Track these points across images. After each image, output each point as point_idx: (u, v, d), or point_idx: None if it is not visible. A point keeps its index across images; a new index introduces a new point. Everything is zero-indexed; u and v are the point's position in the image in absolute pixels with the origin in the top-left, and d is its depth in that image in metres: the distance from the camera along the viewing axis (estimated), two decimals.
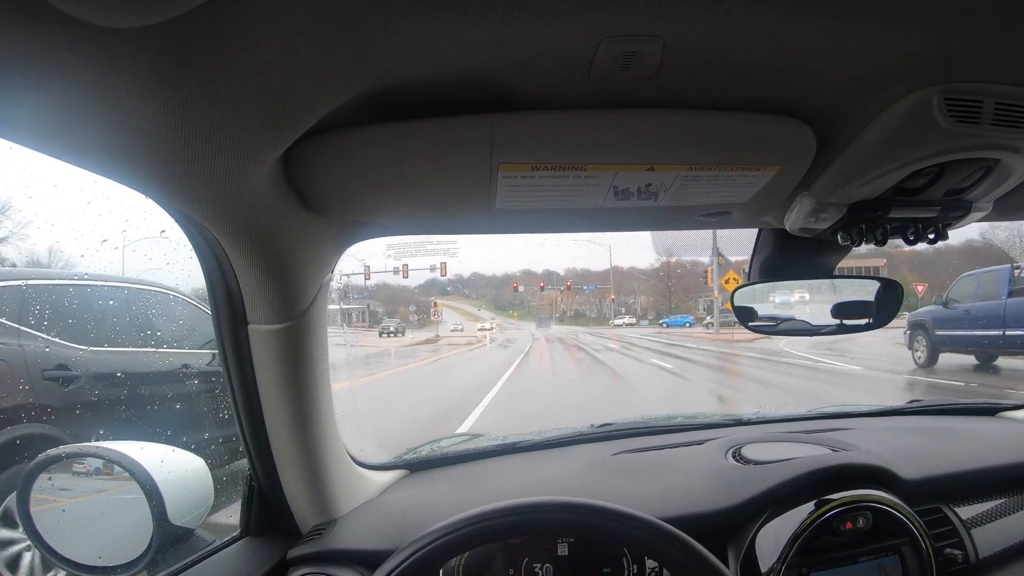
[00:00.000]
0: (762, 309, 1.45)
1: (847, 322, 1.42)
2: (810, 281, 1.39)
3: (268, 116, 0.67)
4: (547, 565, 1.20)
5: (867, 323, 1.40)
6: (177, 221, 0.94)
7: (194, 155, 0.67)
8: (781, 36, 0.67)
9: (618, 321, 62.98)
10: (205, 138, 0.65)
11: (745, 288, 1.42)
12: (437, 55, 0.66)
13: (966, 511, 1.40)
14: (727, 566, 1.19)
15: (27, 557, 3.02)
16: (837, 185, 0.97)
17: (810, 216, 1.06)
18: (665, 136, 0.85)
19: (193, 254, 1.03)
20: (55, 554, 1.17)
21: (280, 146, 0.75)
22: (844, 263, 1.36)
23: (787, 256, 1.33)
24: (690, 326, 48.02)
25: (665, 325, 52.57)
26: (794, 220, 1.10)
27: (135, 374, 3.70)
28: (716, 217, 1.13)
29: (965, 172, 0.94)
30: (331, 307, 1.15)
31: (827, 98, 0.82)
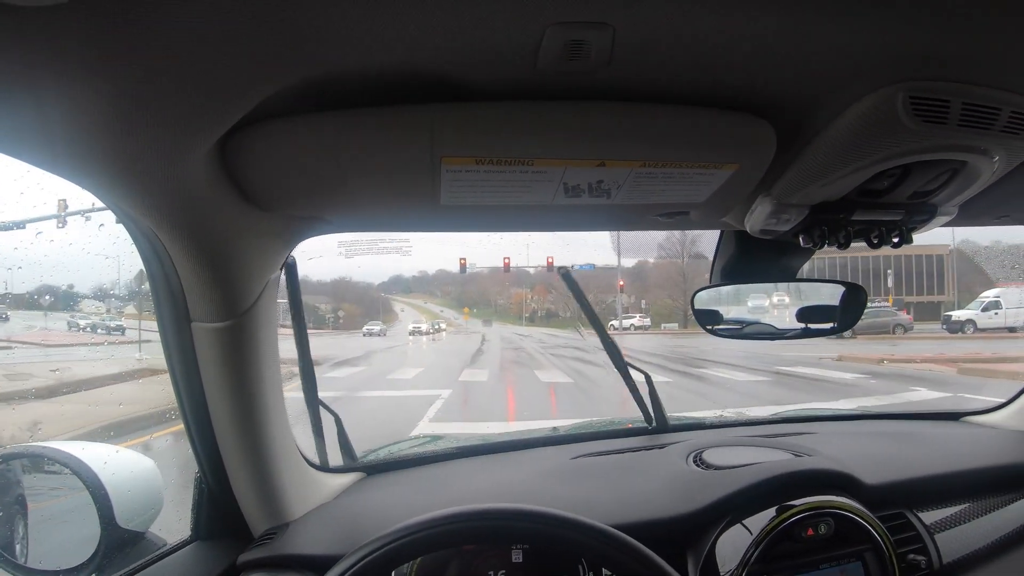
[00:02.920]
0: (726, 313, 1.48)
1: (812, 326, 1.45)
2: (774, 284, 1.43)
3: (200, 102, 0.66)
4: (501, 572, 1.21)
5: (832, 327, 1.44)
6: (115, 213, 0.94)
7: (124, 142, 0.66)
8: (739, 28, 0.66)
9: (625, 323, 44.67)
10: (135, 125, 0.64)
11: (707, 291, 1.44)
12: (377, 42, 0.65)
13: (929, 516, 1.42)
14: (686, 574, 1.22)
15: None
16: (799, 185, 0.98)
17: (771, 217, 1.07)
18: (617, 130, 0.84)
19: (134, 248, 1.02)
20: (3, 559, 1.17)
21: (214, 134, 0.74)
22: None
23: (750, 258, 1.34)
24: None
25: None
26: (755, 221, 1.11)
27: None
28: (674, 217, 1.14)
29: (931, 174, 0.95)
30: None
31: (788, 94, 0.81)
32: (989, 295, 22.28)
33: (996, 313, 21.78)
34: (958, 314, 23.44)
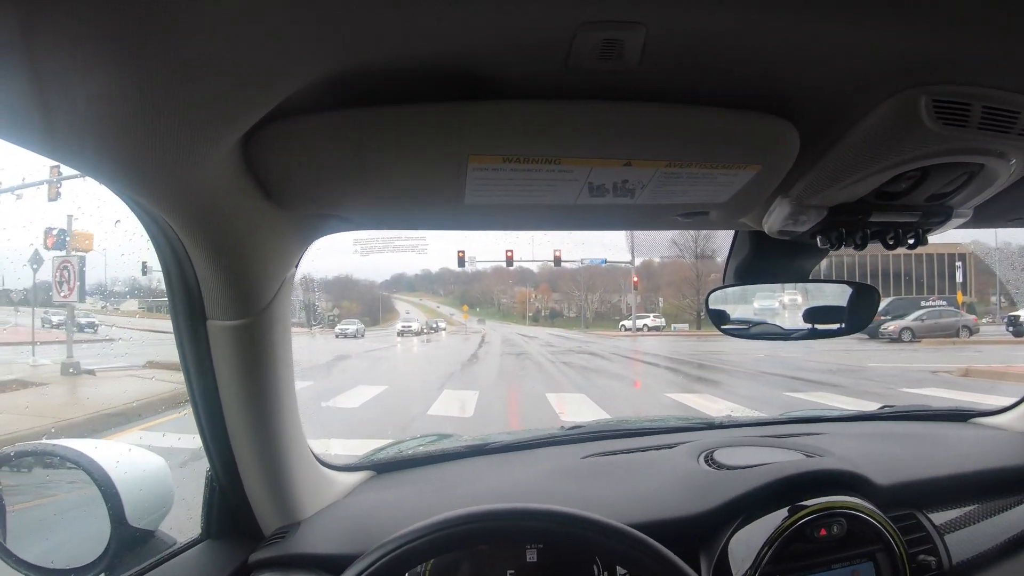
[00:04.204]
0: (735, 313, 1.49)
1: (819, 327, 1.46)
2: (784, 285, 1.43)
3: (225, 96, 0.66)
4: (515, 571, 1.22)
5: (839, 328, 1.44)
6: (132, 209, 0.94)
7: (144, 137, 0.67)
8: (767, 31, 0.67)
9: (638, 323, 42.98)
10: (157, 120, 0.64)
11: (720, 291, 1.45)
12: (407, 37, 0.65)
13: (939, 517, 1.44)
14: (699, 574, 1.22)
15: None
16: (819, 187, 0.99)
17: (790, 218, 1.08)
18: (644, 130, 0.84)
19: (150, 245, 1.02)
20: (9, 555, 1.18)
21: (238, 129, 0.74)
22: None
23: (764, 258, 1.35)
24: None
25: None
26: (773, 222, 1.12)
27: None
28: (693, 217, 1.15)
29: (948, 177, 0.96)
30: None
31: (813, 96, 0.82)
32: None
33: None
34: None
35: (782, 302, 1.49)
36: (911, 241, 1.11)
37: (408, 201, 1.03)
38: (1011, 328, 22.13)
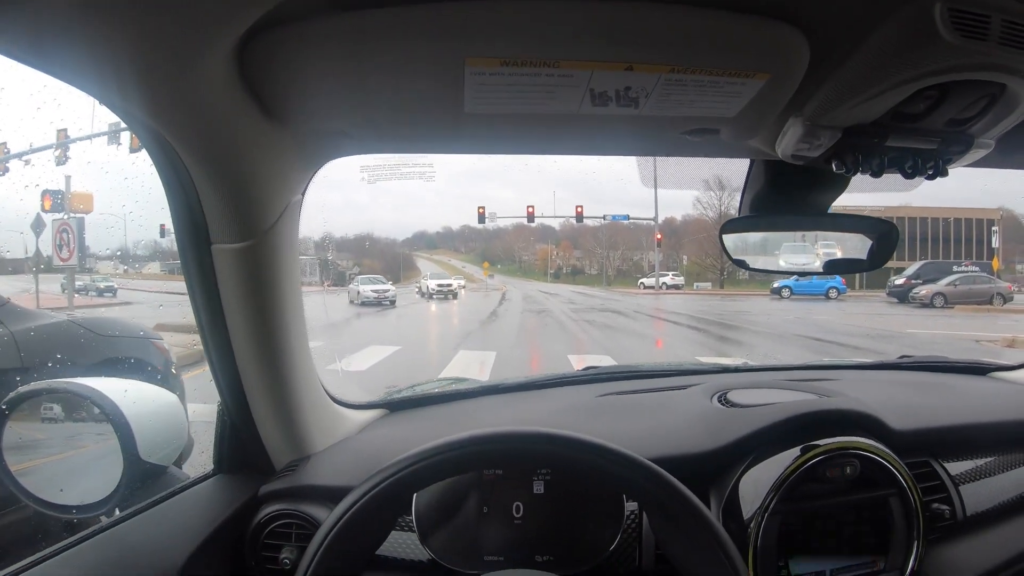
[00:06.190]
0: (753, 249, 1.46)
1: (840, 258, 1.45)
2: (806, 219, 1.41)
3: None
4: (522, 503, 1.24)
5: (859, 261, 1.41)
6: (132, 129, 0.94)
7: (137, 43, 0.66)
8: None
9: (653, 280, 40.45)
10: (147, 24, 0.64)
11: (736, 221, 1.42)
12: None
13: (955, 467, 1.44)
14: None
15: None
16: (832, 104, 0.96)
17: (803, 141, 1.05)
18: (646, 32, 0.82)
19: (153, 170, 1.03)
20: (26, 493, 1.21)
21: (231, 34, 0.73)
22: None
23: (780, 189, 1.32)
24: (839, 293, 27.12)
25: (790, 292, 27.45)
26: (786, 145, 1.09)
27: None
28: (703, 135, 1.13)
29: (969, 98, 0.93)
30: None
31: (823, 2, 0.80)
32: None
33: None
34: None
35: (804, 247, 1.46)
36: (930, 171, 1.07)
37: (409, 112, 1.02)
38: None
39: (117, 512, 1.19)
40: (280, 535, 1.22)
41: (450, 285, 30.44)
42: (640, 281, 45.48)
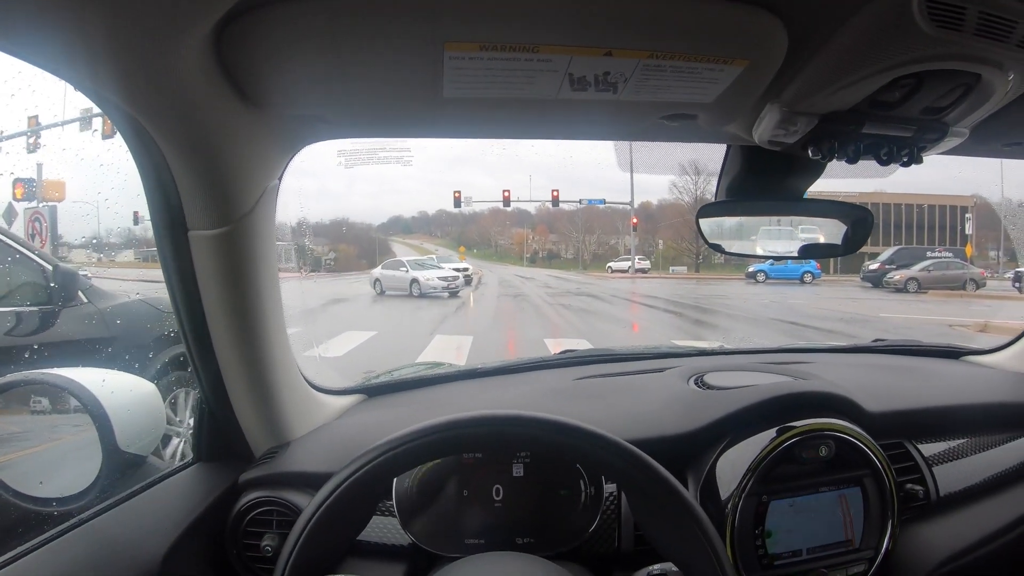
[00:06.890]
0: (729, 234, 1.47)
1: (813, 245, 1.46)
2: (781, 204, 1.42)
3: None
4: (501, 486, 1.26)
5: (834, 246, 1.43)
6: (106, 113, 0.92)
7: (111, 24, 0.66)
8: None
9: (623, 264, 40.25)
10: (121, 1, 0.63)
11: (712, 206, 1.43)
12: None
13: (928, 449, 1.48)
14: None
15: None
16: (809, 91, 0.98)
17: (780, 127, 1.06)
18: (625, 17, 0.82)
19: (128, 156, 1.01)
20: (4, 487, 1.19)
21: (208, 14, 0.72)
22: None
23: (756, 174, 1.33)
24: (814, 277, 26.76)
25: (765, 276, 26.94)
26: (763, 131, 1.10)
27: None
28: (681, 121, 1.13)
29: (944, 87, 0.95)
30: None
31: None
32: None
33: None
34: None
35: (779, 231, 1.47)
36: (905, 158, 1.09)
37: (387, 97, 1.01)
38: (1018, 284, 21.36)
39: (97, 504, 1.18)
40: (261, 522, 1.23)
41: (466, 270, 24.52)
42: (608, 265, 44.64)
